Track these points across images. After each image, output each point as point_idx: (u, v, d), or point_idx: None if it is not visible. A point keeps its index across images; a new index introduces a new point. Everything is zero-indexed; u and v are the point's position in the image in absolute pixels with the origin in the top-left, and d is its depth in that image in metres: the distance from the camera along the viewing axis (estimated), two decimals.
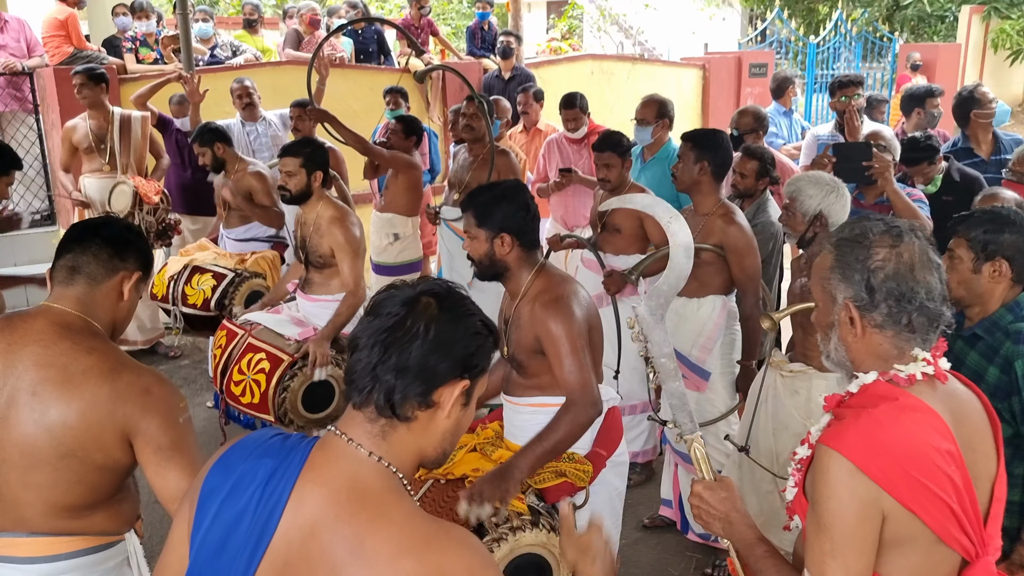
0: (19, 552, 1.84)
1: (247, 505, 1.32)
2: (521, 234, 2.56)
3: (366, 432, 1.36)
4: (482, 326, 1.42)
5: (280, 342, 3.69)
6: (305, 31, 8.13)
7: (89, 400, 1.79)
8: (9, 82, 6.59)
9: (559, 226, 5.77)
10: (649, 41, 16.10)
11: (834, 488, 1.47)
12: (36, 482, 1.80)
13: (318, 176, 3.84)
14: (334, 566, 1.25)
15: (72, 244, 1.95)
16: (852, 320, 1.60)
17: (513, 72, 7.85)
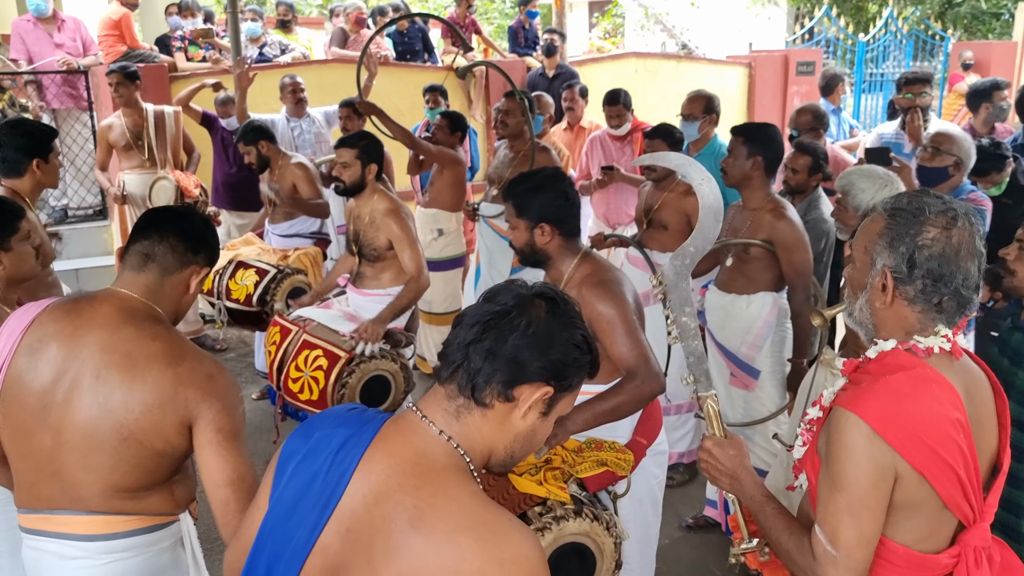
0: (76, 530, 1.87)
1: (319, 469, 1.37)
2: (560, 222, 2.57)
3: (442, 410, 1.39)
4: (583, 341, 1.42)
5: (335, 338, 3.70)
6: (351, 30, 8.20)
7: (152, 385, 1.81)
8: (65, 80, 6.73)
9: (601, 224, 5.75)
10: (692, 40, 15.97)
11: (851, 450, 1.52)
12: (96, 464, 1.83)
13: (372, 169, 3.86)
14: (391, 534, 1.27)
15: (150, 231, 1.97)
16: (885, 287, 1.62)
17: (557, 70, 7.83)
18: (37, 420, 1.85)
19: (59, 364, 1.84)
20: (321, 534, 1.34)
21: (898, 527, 1.58)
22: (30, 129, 3.29)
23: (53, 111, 6.84)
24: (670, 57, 10.30)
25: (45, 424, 1.85)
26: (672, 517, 4.02)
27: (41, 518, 1.90)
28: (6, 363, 1.88)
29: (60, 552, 1.88)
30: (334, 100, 5.96)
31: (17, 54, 6.76)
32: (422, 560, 1.24)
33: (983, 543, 1.61)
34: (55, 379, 1.84)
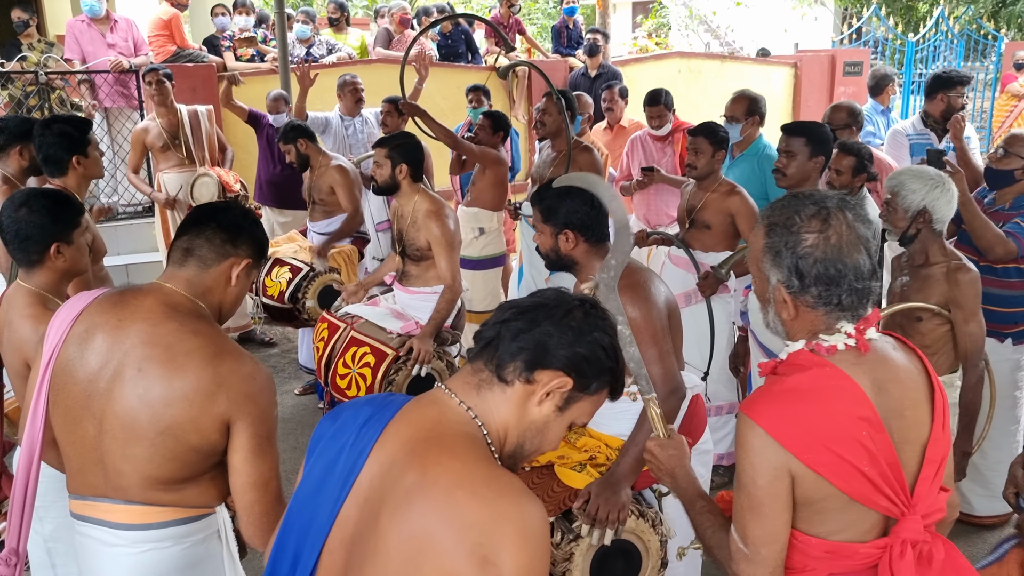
0: (116, 518, 1.90)
1: (343, 446, 1.42)
2: (586, 229, 2.56)
3: (464, 382, 1.44)
4: (611, 348, 1.45)
5: (383, 336, 3.74)
6: (396, 30, 8.27)
7: (191, 382, 1.81)
8: (117, 79, 6.88)
9: (641, 224, 5.73)
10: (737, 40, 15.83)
11: (747, 451, 1.57)
12: (134, 455, 1.84)
13: (403, 169, 3.89)
14: (397, 496, 1.30)
15: (190, 226, 1.98)
16: (785, 301, 1.63)
17: (600, 70, 7.82)
18: (83, 408, 1.89)
19: (104, 354, 1.86)
20: (341, 508, 1.39)
21: (810, 520, 1.61)
22: (63, 128, 3.33)
23: (105, 110, 6.99)
24: (714, 57, 10.21)
25: (90, 412, 1.88)
26: None
27: (87, 504, 1.94)
28: (56, 351, 1.92)
29: (102, 539, 1.92)
30: (379, 100, 6.02)
31: (71, 54, 6.92)
32: (419, 515, 1.26)
33: (915, 536, 1.60)
34: (99, 369, 1.87)
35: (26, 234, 2.41)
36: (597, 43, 7.76)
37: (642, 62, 9.38)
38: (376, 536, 1.31)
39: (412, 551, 1.26)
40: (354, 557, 1.36)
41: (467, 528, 1.23)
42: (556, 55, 8.84)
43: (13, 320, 2.39)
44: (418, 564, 1.25)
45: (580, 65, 8.26)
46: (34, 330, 2.33)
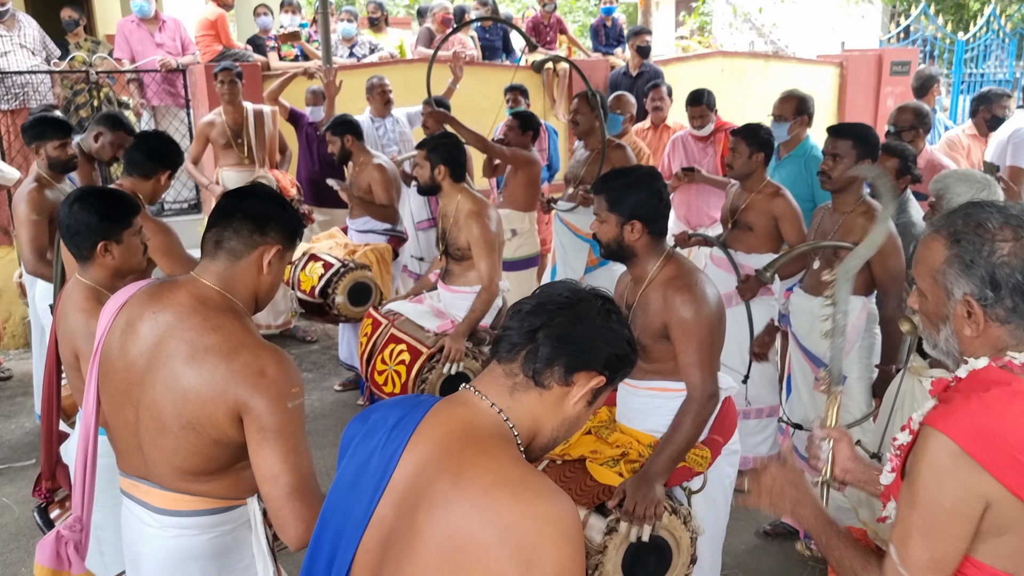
0: (152, 501, 1.95)
1: (375, 447, 1.45)
2: (651, 221, 2.58)
3: (497, 385, 1.45)
4: (633, 342, 1.50)
5: (420, 334, 3.78)
6: (437, 30, 8.30)
7: (207, 377, 1.81)
8: (165, 78, 7.01)
9: (682, 225, 5.69)
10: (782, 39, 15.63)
11: (935, 468, 1.44)
12: (161, 445, 1.88)
13: (441, 170, 3.93)
14: (433, 494, 1.32)
15: (219, 217, 1.96)
16: (971, 314, 1.53)
17: (641, 68, 7.77)
18: (123, 395, 1.94)
19: (139, 345, 1.91)
20: (377, 507, 1.41)
21: (991, 552, 1.49)
22: (168, 143, 3.52)
23: (153, 108, 7.12)
24: (758, 56, 10.10)
25: (128, 400, 1.93)
26: (750, 524, 3.96)
27: (132, 484, 2.01)
28: (102, 340, 1.98)
29: (142, 518, 1.98)
30: (419, 99, 6.05)
31: (121, 53, 7.06)
32: (459, 514, 1.29)
33: None
34: (135, 359, 1.91)
35: (76, 230, 2.48)
36: (648, 44, 7.71)
37: (684, 61, 9.31)
38: (414, 534, 1.33)
39: (452, 550, 1.28)
40: (390, 555, 1.38)
41: (509, 528, 1.26)
42: (597, 53, 8.81)
43: (68, 312, 2.47)
44: (460, 563, 1.28)
45: (621, 63, 8.22)
46: (85, 323, 2.41)
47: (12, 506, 4.18)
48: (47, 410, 2.81)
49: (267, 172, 5.90)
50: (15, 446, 4.84)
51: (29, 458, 4.68)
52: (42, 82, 6.58)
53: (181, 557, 1.95)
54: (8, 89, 6.40)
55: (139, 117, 7.09)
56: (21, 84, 6.43)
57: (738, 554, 3.76)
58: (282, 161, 6.23)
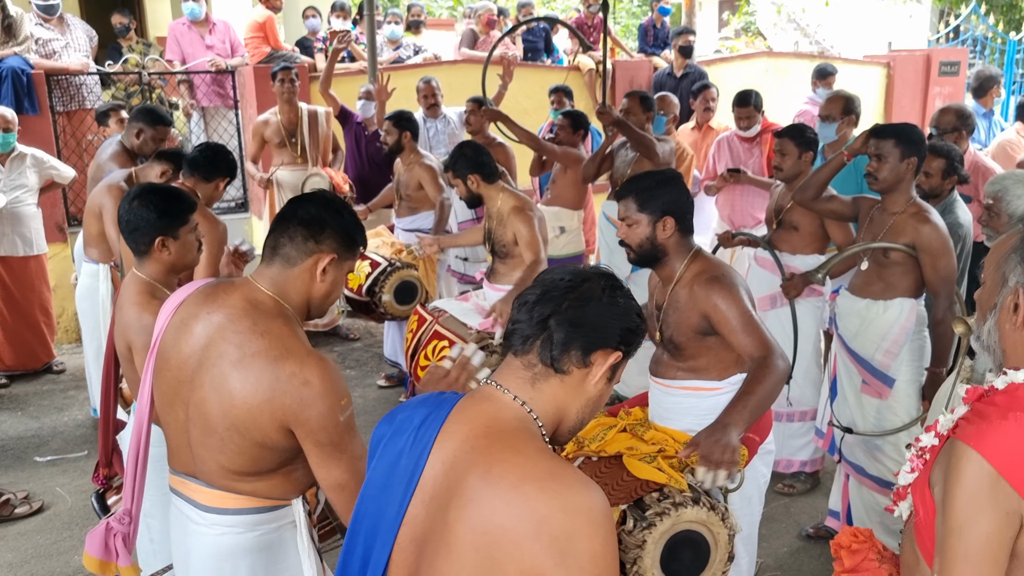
0: (199, 498, 1.99)
1: (403, 447, 1.47)
2: (681, 218, 2.62)
3: (517, 378, 1.46)
4: (642, 315, 1.53)
5: (463, 331, 3.83)
6: (481, 31, 8.35)
7: (252, 383, 1.82)
8: (214, 79, 7.14)
9: (726, 226, 5.67)
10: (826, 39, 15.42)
11: (970, 491, 1.39)
12: (209, 444, 1.91)
13: (473, 179, 4.00)
14: (464, 491, 1.34)
15: (277, 223, 1.98)
16: (1017, 307, 1.49)
17: (685, 69, 7.74)
18: (175, 394, 1.97)
19: (192, 345, 1.93)
20: (408, 507, 1.43)
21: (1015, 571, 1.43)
22: (229, 154, 3.75)
23: (202, 109, 7.26)
24: (803, 56, 9.99)
25: (180, 398, 1.96)
26: (792, 526, 3.94)
27: (180, 481, 2.04)
28: (159, 337, 2.02)
29: (189, 515, 2.02)
30: (462, 100, 6.09)
31: (172, 55, 7.22)
32: (491, 510, 1.30)
33: None
34: (187, 358, 1.94)
35: (135, 225, 2.55)
36: (692, 44, 7.68)
37: (728, 61, 9.25)
38: (447, 532, 1.35)
39: (487, 545, 1.30)
40: (425, 553, 1.40)
41: (540, 522, 1.27)
42: (640, 54, 8.79)
43: (124, 305, 2.55)
44: (494, 558, 1.29)
45: (665, 65, 8.20)
46: (138, 316, 2.48)
47: (66, 496, 4.29)
48: (105, 398, 2.89)
49: (320, 170, 5.99)
50: (68, 438, 4.97)
51: (82, 449, 4.80)
52: (96, 83, 6.75)
53: (228, 554, 1.97)
54: (64, 91, 6.58)
55: (189, 118, 7.24)
56: (77, 85, 6.60)
57: (780, 556, 3.74)
58: (334, 160, 6.31)
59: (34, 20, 6.58)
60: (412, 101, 6.49)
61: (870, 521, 3.46)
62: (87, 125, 6.50)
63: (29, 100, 6.19)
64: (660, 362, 2.77)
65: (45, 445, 4.88)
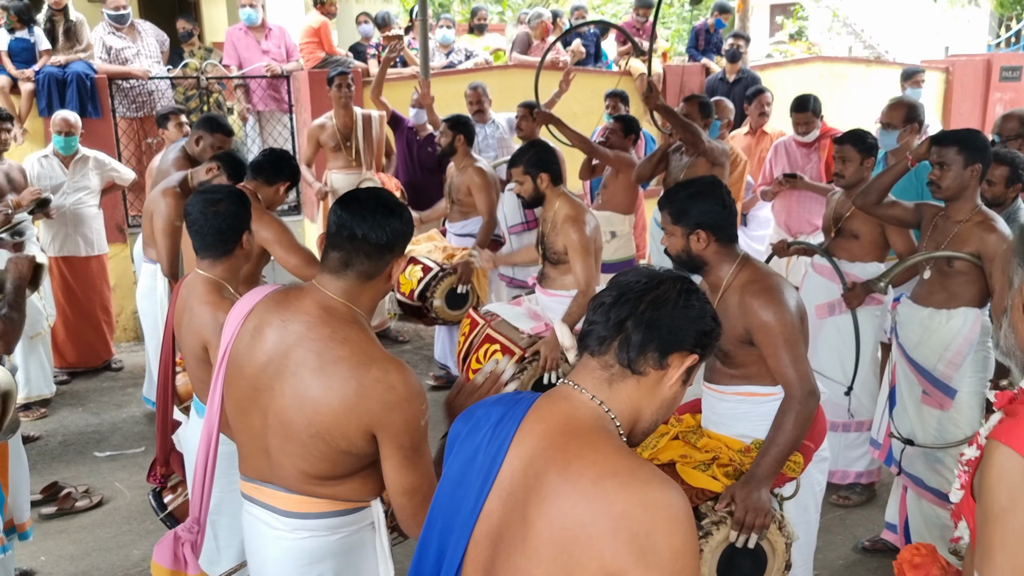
0: (279, 504, 1.99)
1: (480, 443, 1.49)
2: (717, 229, 2.59)
3: (594, 378, 1.47)
4: (717, 317, 1.53)
5: (514, 335, 3.84)
6: (535, 35, 8.36)
7: (337, 390, 1.83)
8: (270, 84, 7.26)
9: (782, 233, 5.60)
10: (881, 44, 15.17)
11: (1004, 482, 1.39)
12: (290, 451, 1.91)
13: (543, 178, 3.97)
14: (542, 488, 1.36)
15: (343, 240, 1.93)
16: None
17: (738, 74, 7.67)
18: (250, 401, 1.97)
19: (268, 352, 1.93)
20: (485, 502, 1.44)
21: None
22: (292, 159, 3.83)
23: (258, 113, 7.38)
24: (859, 61, 9.86)
25: (256, 406, 1.96)
26: (848, 538, 3.88)
27: (255, 487, 2.05)
28: (230, 344, 2.02)
29: (266, 521, 2.02)
30: (513, 104, 6.10)
31: (229, 60, 7.35)
32: (570, 506, 1.32)
33: None
34: (264, 365, 1.94)
35: (222, 226, 2.59)
36: (740, 49, 7.62)
37: (782, 66, 9.16)
38: (526, 528, 1.37)
39: (566, 541, 1.31)
40: (501, 548, 1.41)
41: (620, 518, 1.28)
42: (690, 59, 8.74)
43: (193, 306, 2.57)
44: (574, 553, 1.31)
45: (717, 69, 8.13)
46: (212, 316, 2.50)
47: (124, 491, 4.39)
48: (162, 398, 2.94)
49: (373, 175, 6.05)
50: (127, 434, 5.09)
51: (139, 446, 4.91)
52: (168, 88, 6.91)
53: (311, 558, 1.98)
54: (134, 98, 6.74)
55: (245, 121, 7.36)
56: (148, 91, 6.76)
57: (835, 568, 3.68)
58: (388, 165, 6.37)
59: (107, 29, 6.76)
60: (464, 106, 6.52)
61: (929, 535, 3.39)
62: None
63: (92, 104, 6.36)
64: (713, 369, 2.75)
65: (105, 441, 5.00)
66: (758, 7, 19.96)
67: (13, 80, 6.27)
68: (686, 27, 14.66)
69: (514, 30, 9.97)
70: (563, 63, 7.83)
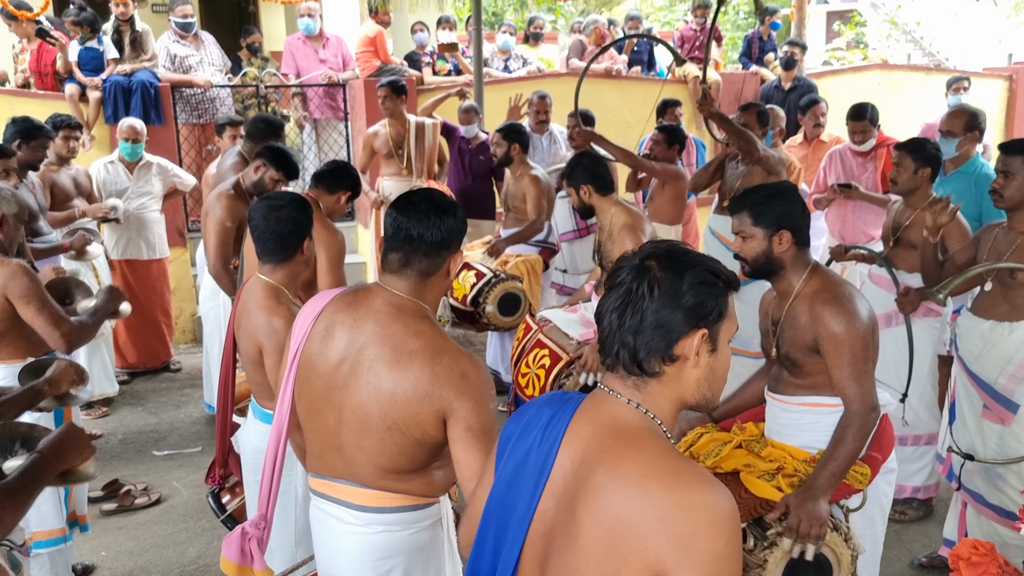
0: (353, 499, 2.06)
1: (531, 445, 1.52)
2: (798, 231, 2.57)
3: (623, 384, 1.48)
4: (708, 274, 1.44)
5: (564, 341, 3.85)
6: (590, 43, 8.37)
7: (413, 381, 1.92)
8: (326, 92, 7.39)
9: (836, 241, 5.51)
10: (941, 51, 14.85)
11: None
12: (366, 446, 1.99)
13: (586, 189, 3.99)
14: (590, 488, 1.38)
15: (400, 242, 2.03)
16: None
17: (794, 82, 7.59)
18: (324, 400, 2.05)
19: (342, 351, 2.01)
20: (539, 501, 1.47)
21: None
22: (354, 172, 3.91)
23: (314, 121, 7.51)
24: (918, 69, 9.67)
25: (330, 404, 2.04)
26: (904, 553, 3.80)
27: (326, 484, 2.11)
28: (301, 346, 2.09)
29: (339, 516, 2.09)
30: (566, 112, 6.12)
31: (287, 69, 7.51)
32: (617, 506, 1.34)
33: None
34: (338, 364, 2.01)
35: (286, 231, 2.65)
36: (794, 56, 7.54)
37: (839, 74, 9.03)
38: (576, 527, 1.39)
39: (613, 540, 1.34)
40: (554, 546, 1.44)
41: (664, 518, 1.30)
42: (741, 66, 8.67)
43: (251, 310, 2.63)
44: (620, 552, 1.33)
45: (772, 77, 8.05)
46: (267, 321, 2.56)
47: (182, 490, 4.49)
48: (223, 400, 3.01)
49: (423, 183, 6.11)
50: (184, 434, 5.21)
51: (196, 445, 5.02)
52: (228, 96, 7.08)
53: (384, 553, 2.05)
54: (196, 106, 6.92)
55: (301, 129, 7.50)
56: (210, 99, 6.94)
57: None
58: (440, 172, 6.43)
59: (172, 38, 6.96)
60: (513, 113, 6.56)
61: None
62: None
63: (156, 111, 6.56)
64: (778, 379, 2.71)
65: (163, 440, 5.12)
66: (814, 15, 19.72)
67: (82, 88, 6.48)
68: (739, 34, 14.53)
69: (567, 39, 9.99)
70: (616, 71, 7.84)
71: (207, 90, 6.92)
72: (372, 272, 6.75)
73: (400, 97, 6.06)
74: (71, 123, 5.33)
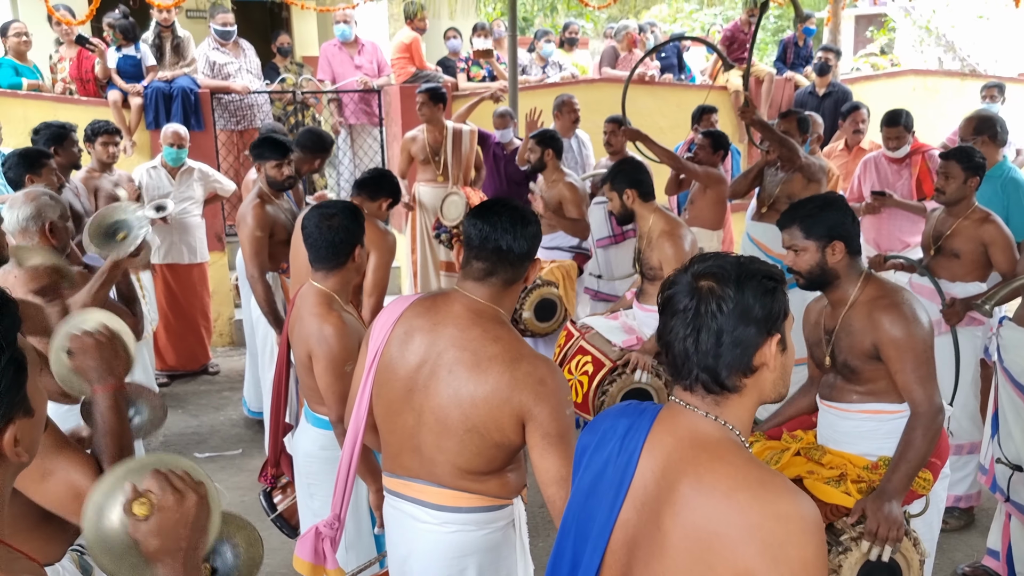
0: (430, 499, 2.12)
1: (609, 455, 1.53)
2: (850, 240, 2.59)
3: (701, 400, 1.49)
4: (766, 280, 1.46)
5: (607, 348, 3.88)
6: (622, 48, 8.39)
7: (493, 385, 1.97)
8: (361, 98, 7.46)
9: (871, 250, 5.49)
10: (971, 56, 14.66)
11: None
12: (446, 447, 2.05)
13: (629, 194, 4.01)
14: (676, 500, 1.40)
15: (487, 252, 2.07)
16: None
17: (828, 88, 7.56)
18: (403, 402, 2.11)
19: (421, 354, 2.07)
20: (620, 511, 1.49)
21: None
22: (395, 180, 4.02)
23: (349, 126, 7.59)
24: (953, 75, 9.59)
25: (409, 405, 2.09)
26: (947, 563, 3.78)
27: (403, 483, 2.17)
28: (380, 350, 2.15)
29: (415, 515, 2.14)
30: (601, 118, 6.13)
31: (323, 75, 7.59)
32: (704, 518, 1.36)
33: None
34: (418, 367, 2.07)
35: (337, 239, 2.70)
36: (828, 62, 7.52)
37: (873, 80, 8.98)
38: (661, 537, 1.42)
39: (701, 550, 1.36)
40: (638, 556, 1.47)
41: (753, 528, 1.32)
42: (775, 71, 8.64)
43: (304, 316, 2.69)
44: (709, 562, 1.36)
45: (807, 83, 8.03)
46: (319, 327, 2.62)
47: (224, 491, 4.54)
48: (276, 402, 3.08)
49: (459, 189, 6.15)
50: (225, 436, 5.28)
51: (237, 448, 5.09)
52: (266, 102, 7.18)
53: (459, 551, 2.11)
54: (234, 112, 7.02)
55: (337, 135, 7.57)
56: (248, 105, 7.04)
57: None
58: (477, 178, 6.47)
59: (212, 45, 7.07)
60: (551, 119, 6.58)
61: None
62: None
63: (195, 117, 6.66)
64: (833, 387, 2.73)
65: (204, 442, 5.20)
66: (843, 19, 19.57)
67: (124, 94, 6.60)
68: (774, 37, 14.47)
69: (599, 44, 10.01)
70: (650, 77, 7.85)
71: (245, 96, 7.01)
72: (406, 276, 6.79)
73: (438, 104, 6.09)
74: (109, 129, 5.40)
